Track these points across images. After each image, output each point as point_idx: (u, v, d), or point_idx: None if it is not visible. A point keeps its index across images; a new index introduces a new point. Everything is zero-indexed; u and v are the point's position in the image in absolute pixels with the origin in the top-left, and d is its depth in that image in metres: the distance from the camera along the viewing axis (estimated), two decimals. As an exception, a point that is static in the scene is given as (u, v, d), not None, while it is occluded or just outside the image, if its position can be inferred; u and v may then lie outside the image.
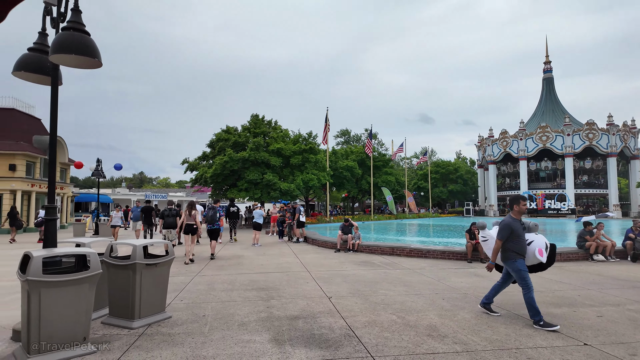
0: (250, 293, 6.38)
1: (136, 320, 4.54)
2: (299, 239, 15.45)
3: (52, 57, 4.32)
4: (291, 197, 24.26)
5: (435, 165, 58.62)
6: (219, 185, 25.29)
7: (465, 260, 10.18)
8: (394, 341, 4.10)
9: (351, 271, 8.55)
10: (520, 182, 52.41)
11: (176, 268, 8.88)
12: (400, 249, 11.26)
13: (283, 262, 9.89)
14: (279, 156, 24.89)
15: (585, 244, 10.66)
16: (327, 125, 28.00)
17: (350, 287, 6.82)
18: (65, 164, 28.28)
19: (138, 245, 4.63)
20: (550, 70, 58.61)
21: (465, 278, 7.81)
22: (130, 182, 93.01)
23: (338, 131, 74.08)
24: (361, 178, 42.27)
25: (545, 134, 50.36)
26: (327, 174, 27.49)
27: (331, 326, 4.61)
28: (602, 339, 4.20)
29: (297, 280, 7.51)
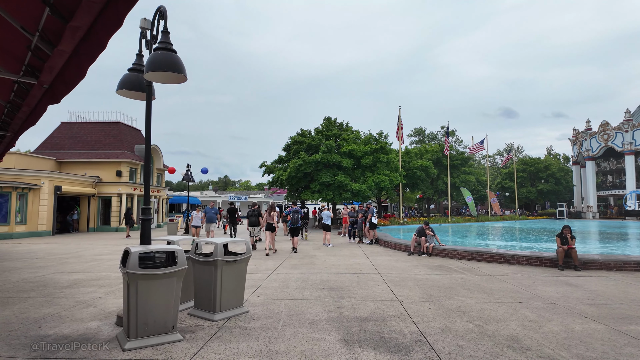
0: (322, 292, 6.52)
1: (217, 313, 4.93)
2: (370, 240, 15.34)
3: (146, 75, 4.90)
4: (363, 198, 24.20)
5: (522, 162, 53.83)
6: (293, 187, 26.22)
7: (556, 267, 9.21)
8: (470, 350, 3.88)
9: (424, 275, 8.26)
10: (627, 179, 45.66)
11: (254, 266, 9.41)
12: (480, 254, 10.58)
13: (354, 263, 9.92)
14: (350, 157, 25.01)
15: None
16: (400, 124, 27.40)
17: (423, 292, 6.60)
18: (161, 170, 31.64)
19: (219, 243, 5.02)
20: (664, 49, 50.28)
21: (555, 287, 7.07)
22: (216, 185, 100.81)
23: (412, 130, 72.07)
24: (437, 178, 40.58)
25: (659, 123, 43.29)
26: (399, 174, 26.90)
27: (402, 330, 4.52)
28: None
29: (368, 282, 7.48)
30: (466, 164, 43.26)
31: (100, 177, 25.69)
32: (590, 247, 15.01)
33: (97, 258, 11.28)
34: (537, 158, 56.84)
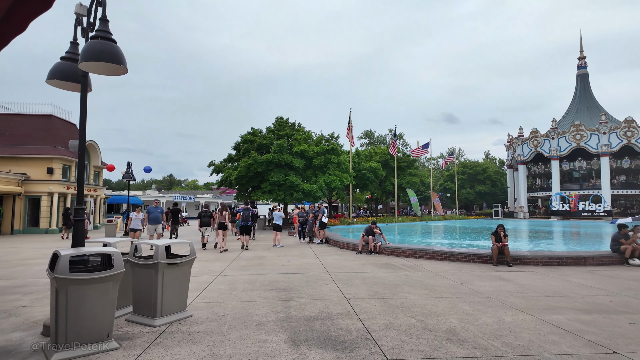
0: (270, 293, 6.45)
1: (158, 319, 4.69)
2: (321, 240, 15.47)
3: (81, 65, 4.54)
4: (314, 199, 24.35)
5: (462, 165, 57.30)
6: (243, 187, 25.73)
7: (491, 263, 9.90)
8: (411, 344, 4.04)
9: (371, 273, 8.48)
10: (552, 182, 50.37)
11: (200, 268, 9.10)
12: (423, 252, 11.07)
13: (303, 263, 9.94)
14: (302, 158, 25.06)
15: (620, 247, 10.13)
16: (351, 126, 27.94)
17: (369, 290, 6.77)
18: (98, 167, 29.53)
19: (161, 245, 4.78)
20: (584, 66, 56.18)
21: (490, 282, 7.59)
22: (160, 184, 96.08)
23: (362, 132, 73.93)
24: (385, 179, 41.88)
25: (580, 132, 48.23)
26: (350, 175, 27.42)
27: (348, 328, 4.60)
28: (634, 347, 3.98)
29: (317, 281, 7.53)
30: (412, 166, 45.11)
31: (29, 174, 23.45)
32: (520, 244, 16.30)
33: (24, 263, 10.27)
34: (476, 162, 60.81)
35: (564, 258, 9.93)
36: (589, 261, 9.90)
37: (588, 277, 8.13)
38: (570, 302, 5.96)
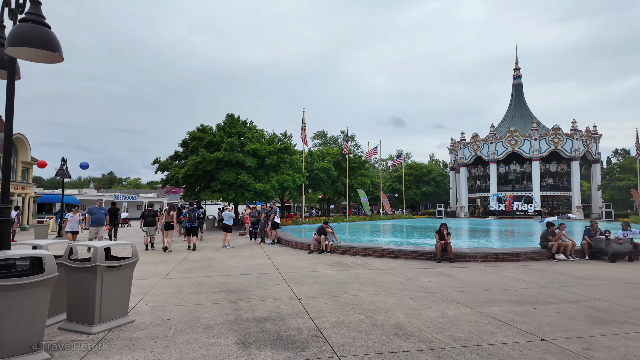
0: (219, 295, 6.28)
1: (96, 325, 4.37)
2: (273, 240, 15.34)
3: (8, 50, 4.11)
4: (266, 198, 24.10)
5: (409, 167, 59.68)
6: (191, 186, 24.81)
7: (435, 260, 10.40)
8: (361, 341, 4.13)
9: (323, 272, 8.56)
10: (490, 184, 54.11)
11: (143, 271, 8.63)
12: (372, 250, 11.38)
13: (254, 264, 9.80)
14: (254, 157, 24.67)
15: (548, 244, 11.12)
16: (304, 126, 28.01)
17: (320, 288, 6.82)
18: (27, 163, 26.99)
19: (99, 247, 4.47)
20: (519, 76, 60.89)
21: (434, 278, 7.97)
22: (99, 182, 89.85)
23: (315, 133, 74.38)
24: (337, 179, 42.48)
25: (514, 138, 52.26)
26: (302, 175, 27.47)
27: (299, 327, 4.59)
28: (559, 335, 4.38)
29: (268, 281, 7.45)
30: (363, 167, 46.19)
31: (-59, 169, 20.80)
32: (462, 242, 17.32)
33: None
34: (421, 164, 63.63)
35: (500, 254, 10.69)
36: (522, 257, 10.75)
37: (521, 272, 8.83)
38: (505, 295, 6.43)
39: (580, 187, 52.68)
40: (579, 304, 5.85)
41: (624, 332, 4.49)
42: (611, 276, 8.38)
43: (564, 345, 4.02)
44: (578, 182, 50.99)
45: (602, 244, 10.94)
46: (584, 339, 4.24)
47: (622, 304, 5.84)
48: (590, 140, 52.48)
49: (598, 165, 54.09)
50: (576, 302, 5.93)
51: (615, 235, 11.11)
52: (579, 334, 4.39)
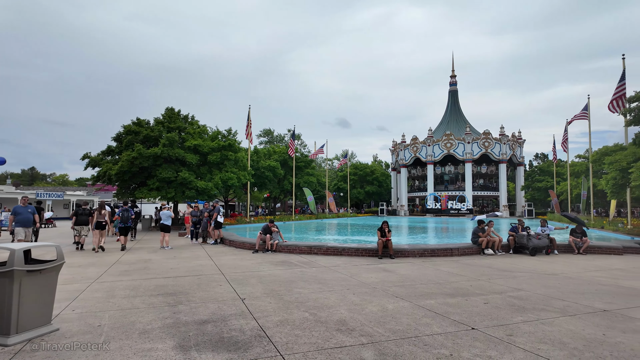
0: (156, 299, 5.95)
1: (12, 336, 3.93)
2: (215, 240, 14.88)
3: None
4: (209, 197, 23.29)
5: (354, 167, 61.20)
6: (125, 184, 23.25)
7: (377, 256, 10.76)
8: (305, 338, 4.15)
9: (268, 271, 8.48)
10: (428, 184, 57.22)
11: (71, 275, 7.94)
12: (317, 248, 11.49)
13: (195, 265, 9.43)
14: (195, 153, 23.72)
15: (478, 239, 12.01)
16: (250, 123, 27.49)
17: (265, 288, 6.75)
18: None
19: (17, 249, 4.02)
20: (455, 83, 64.98)
21: (375, 273, 8.25)
22: (18, 178, 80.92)
23: (261, 130, 73.39)
24: (283, 178, 42.34)
25: (450, 141, 55.72)
26: (248, 173, 26.97)
27: (242, 328, 4.51)
28: (487, 323, 4.74)
29: (210, 283, 7.21)
30: (309, 166, 46.54)
31: None
32: (402, 238, 18.12)
33: None
34: (365, 164, 65.58)
35: (436, 250, 11.35)
36: (455, 252, 11.49)
37: (454, 266, 9.43)
38: (440, 288, 6.84)
39: (507, 188, 57.58)
40: (504, 294, 6.39)
41: (541, 318, 4.98)
42: (531, 268, 9.26)
43: (490, 333, 4.36)
44: (504, 183, 55.68)
45: (524, 239, 12.05)
46: (507, 326, 4.64)
47: (540, 293, 6.47)
48: (516, 145, 57.54)
49: (522, 167, 59.50)
50: (501, 293, 6.46)
51: (534, 231, 12.29)
52: (503, 322, 4.79)
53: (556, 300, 5.99)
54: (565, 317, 5.03)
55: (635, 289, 6.95)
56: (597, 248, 12.31)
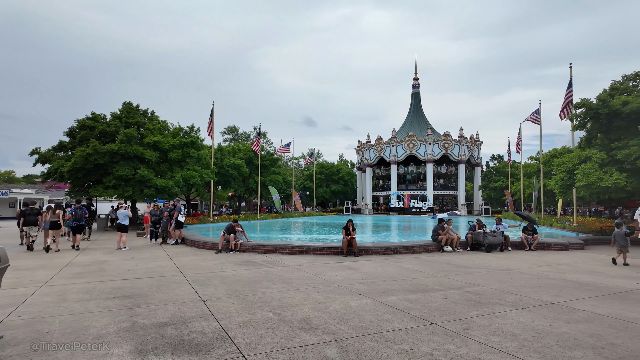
0: (112, 302, 5.69)
1: (-53, 347, 3.61)
2: (176, 240, 14.43)
3: None
4: (169, 195, 22.53)
5: (320, 166, 61.49)
6: (79, 182, 22.01)
7: (342, 254, 10.88)
8: (268, 338, 4.12)
9: (231, 272, 8.34)
10: (391, 184, 58.55)
11: (17, 278, 7.42)
12: (282, 247, 11.44)
13: (155, 266, 9.11)
14: (155, 150, 22.86)
15: (438, 237, 12.44)
16: (212, 119, 26.86)
17: (228, 288, 6.63)
18: None
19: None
20: (418, 86, 66.86)
21: (340, 271, 8.34)
22: (-44, 175, 74.25)
23: (226, 127, 72.09)
24: (249, 177, 41.76)
25: (412, 142, 57.32)
26: (211, 171, 26.35)
27: (203, 330, 4.40)
28: (445, 318, 4.93)
29: (170, 284, 6.99)
30: (275, 164, 46.17)
31: None
32: (366, 237, 18.41)
33: None
34: (332, 163, 66.11)
35: (398, 247, 11.64)
36: (416, 249, 11.84)
37: (415, 263, 9.72)
38: (402, 284, 7.02)
39: (465, 187, 60.07)
40: (461, 289, 6.66)
41: (495, 311, 5.25)
42: (487, 264, 9.72)
43: (448, 327, 4.53)
44: (463, 183, 58.06)
45: (480, 236, 12.62)
46: (464, 320, 4.84)
47: (494, 288, 6.81)
48: (474, 146, 60.14)
49: (479, 168, 62.29)
50: (459, 288, 6.74)
51: (490, 229, 12.90)
52: (460, 316, 5.00)
53: (509, 294, 6.32)
54: (517, 310, 5.33)
55: (579, 282, 7.47)
56: (547, 244, 13.12)
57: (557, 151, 21.50)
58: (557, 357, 3.62)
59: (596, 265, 9.77)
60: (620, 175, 14.53)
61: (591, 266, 9.53)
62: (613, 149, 15.54)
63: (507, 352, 3.72)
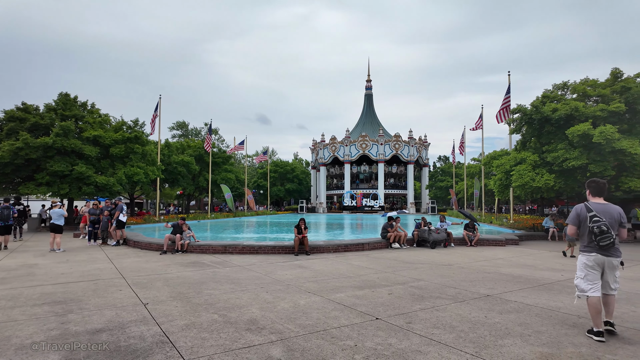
0: (41, 309, 5.23)
1: None
2: (117, 241, 13.60)
3: None
4: (110, 194, 21.17)
5: (275, 164, 60.99)
6: (7, 178, 20.06)
7: (293, 253, 10.86)
8: (211, 340, 4.00)
9: (176, 273, 8.01)
10: (345, 182, 59.52)
11: None
12: (232, 247, 11.19)
13: (92, 269, 8.52)
14: (95, 145, 21.40)
15: (387, 234, 12.83)
16: (157, 113, 25.59)
17: (172, 291, 6.36)
18: None
19: None
20: (370, 87, 68.49)
21: (290, 270, 8.32)
22: None
23: (174, 123, 69.18)
24: (199, 174, 40.42)
25: (365, 142, 58.68)
26: (157, 168, 25.15)
27: (142, 335, 4.18)
28: (390, 313, 5.08)
29: (108, 288, 6.57)
30: (227, 162, 45.05)
31: None
32: (318, 235, 18.55)
33: None
34: (286, 162, 65.75)
35: (349, 245, 11.84)
36: (366, 247, 12.12)
37: (364, 260, 9.94)
38: (351, 281, 7.14)
39: (414, 187, 62.58)
40: (406, 284, 6.91)
41: (436, 305, 5.50)
42: (431, 260, 10.18)
43: (392, 322, 4.68)
44: (412, 182, 60.47)
45: (425, 233, 13.19)
46: (407, 314, 5.03)
47: (436, 282, 7.14)
48: (422, 148, 62.79)
49: (427, 168, 65.19)
50: (404, 284, 6.99)
51: (435, 227, 13.53)
52: (404, 311, 5.18)
53: (449, 288, 6.66)
54: (456, 303, 5.62)
55: (512, 275, 8.05)
56: (486, 240, 14.01)
57: (496, 153, 23.09)
58: (490, 346, 3.87)
59: (528, 259, 10.59)
60: (549, 176, 15.87)
61: (523, 260, 10.32)
62: (544, 152, 16.92)
63: (445, 344, 3.91)
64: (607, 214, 4.23)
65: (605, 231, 4.11)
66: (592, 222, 4.21)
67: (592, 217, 4.22)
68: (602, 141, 13.99)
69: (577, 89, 17.85)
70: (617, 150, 14.19)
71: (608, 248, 4.17)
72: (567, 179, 16.17)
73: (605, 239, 4.11)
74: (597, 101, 17.09)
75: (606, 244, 4.12)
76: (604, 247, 4.15)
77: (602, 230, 4.12)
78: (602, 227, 4.13)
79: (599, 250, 4.20)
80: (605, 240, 4.12)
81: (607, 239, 4.11)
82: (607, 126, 14.29)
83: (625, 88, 15.74)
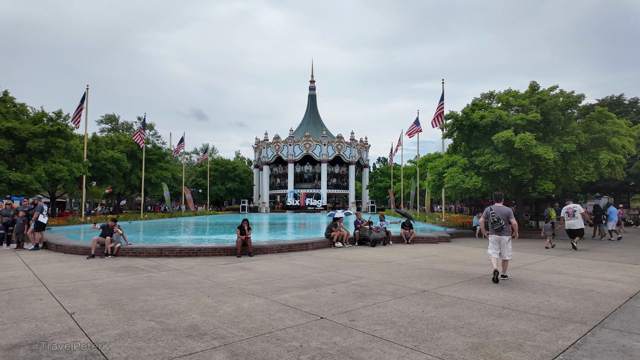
0: (-61, 325, 4.54)
1: None
2: (36, 245, 12.27)
3: None
4: (27, 192, 19.01)
5: (215, 163, 59.00)
6: None
7: (236, 255, 10.60)
8: (149, 350, 3.76)
9: (106, 279, 7.42)
10: (288, 182, 59.45)
11: None
12: (169, 250, 10.63)
13: (4, 277, 7.59)
14: (9, 138, 19.10)
15: (331, 234, 13.03)
16: (82, 105, 23.49)
17: (102, 298, 5.88)
18: None
19: None
20: (314, 88, 69.14)
21: (233, 272, 8.11)
22: None
23: (103, 116, 64.16)
24: (131, 172, 37.87)
25: (309, 142, 59.10)
26: (83, 165, 23.09)
27: (69, 348, 3.81)
28: (334, 311, 5.16)
29: (25, 298, 5.90)
30: (163, 159, 42.73)
31: None
32: (262, 236, 18.30)
33: None
34: (227, 160, 63.95)
35: (293, 245, 11.84)
36: (310, 246, 12.20)
37: (308, 259, 10.00)
38: (295, 282, 7.14)
39: (355, 187, 64.34)
40: (348, 283, 7.07)
41: (377, 302, 5.69)
42: (371, 258, 10.52)
43: (336, 320, 4.76)
44: (353, 183, 62.16)
45: (366, 232, 13.61)
46: (350, 312, 5.14)
47: (377, 279, 7.40)
48: (363, 149, 64.76)
49: (367, 169, 67.43)
50: (346, 282, 7.15)
51: (375, 225, 14.02)
52: (347, 309, 5.29)
53: (389, 284, 6.94)
54: (396, 299, 5.87)
55: (445, 270, 8.60)
56: (421, 238, 14.81)
57: (430, 156, 24.55)
58: (427, 339, 4.10)
59: (458, 255, 11.38)
60: (477, 178, 17.19)
61: (455, 256, 11.07)
62: (473, 155, 18.31)
63: (386, 339, 4.06)
64: (500, 211, 7.23)
65: (496, 221, 7.17)
66: (491, 217, 7.26)
67: (492, 213, 7.26)
68: (522, 147, 15.47)
69: (502, 98, 19.55)
70: (534, 156, 15.77)
71: (499, 231, 7.16)
72: (492, 181, 17.64)
73: (496, 225, 7.18)
74: (518, 110, 18.87)
75: (497, 228, 7.17)
76: (497, 230, 7.18)
77: (494, 221, 7.20)
78: (495, 219, 7.19)
79: (495, 232, 7.21)
80: (496, 226, 7.18)
81: (497, 225, 7.16)
82: (527, 134, 15.82)
83: (541, 100, 17.55)
